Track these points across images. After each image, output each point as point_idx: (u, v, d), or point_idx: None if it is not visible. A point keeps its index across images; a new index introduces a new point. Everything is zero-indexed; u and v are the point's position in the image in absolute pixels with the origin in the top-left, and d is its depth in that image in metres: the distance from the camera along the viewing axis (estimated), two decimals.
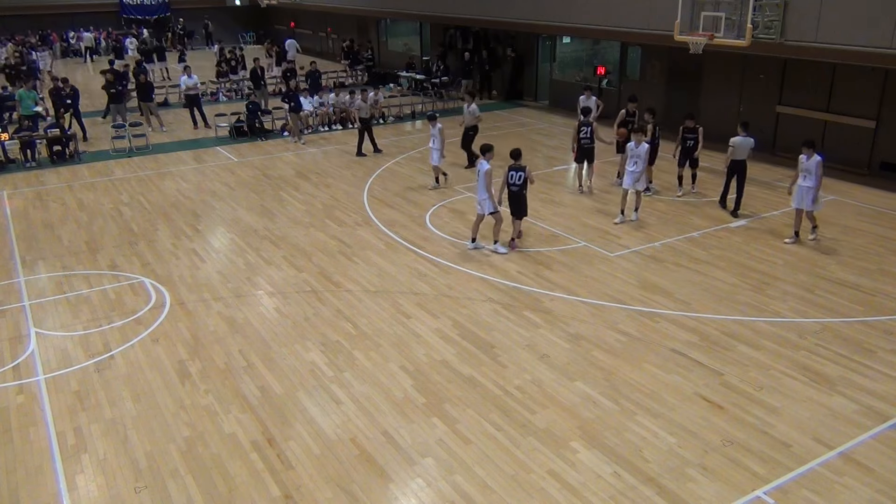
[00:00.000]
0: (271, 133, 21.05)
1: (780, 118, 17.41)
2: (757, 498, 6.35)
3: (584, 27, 20.26)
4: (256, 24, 44.91)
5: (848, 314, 9.66)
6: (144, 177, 17.01)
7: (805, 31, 14.43)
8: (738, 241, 12.21)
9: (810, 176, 11.58)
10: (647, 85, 20.84)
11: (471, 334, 9.29)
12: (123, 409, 7.88)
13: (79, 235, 13.19)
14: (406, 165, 17.43)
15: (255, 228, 13.37)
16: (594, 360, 8.63)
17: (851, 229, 12.72)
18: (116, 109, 21.14)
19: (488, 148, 11.74)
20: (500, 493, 6.45)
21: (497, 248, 11.90)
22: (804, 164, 11.62)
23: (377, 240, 12.63)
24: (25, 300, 10.62)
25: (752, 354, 8.69)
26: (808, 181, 11.61)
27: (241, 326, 9.67)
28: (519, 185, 11.80)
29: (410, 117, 23.30)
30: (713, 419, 7.46)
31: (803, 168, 11.65)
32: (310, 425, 7.50)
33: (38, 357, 9.02)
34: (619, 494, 6.42)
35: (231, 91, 27.63)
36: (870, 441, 7.09)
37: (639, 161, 12.73)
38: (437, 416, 7.59)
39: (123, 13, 43.57)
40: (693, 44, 15.41)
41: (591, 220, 13.40)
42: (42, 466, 7.00)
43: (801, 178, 11.72)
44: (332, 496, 6.48)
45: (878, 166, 15.79)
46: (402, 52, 32.29)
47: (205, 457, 7.05)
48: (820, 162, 11.56)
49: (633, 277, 10.87)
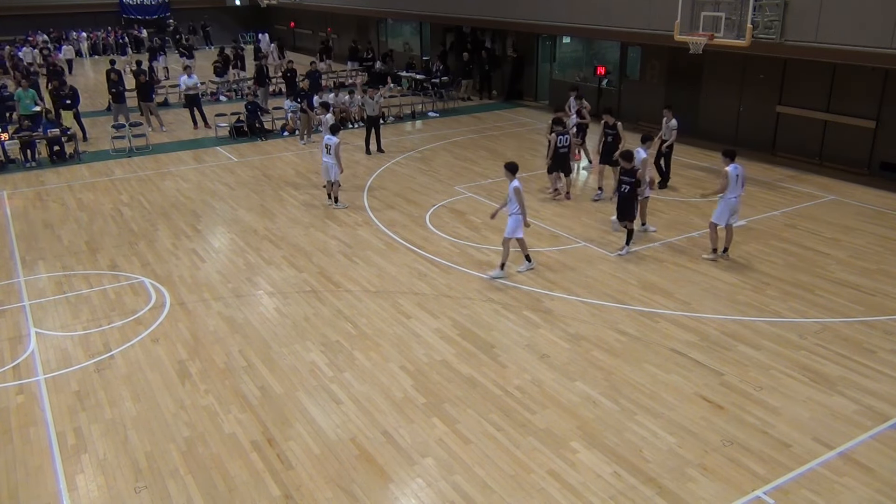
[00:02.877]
0: (271, 133, 21.05)
1: (781, 118, 17.41)
2: (757, 498, 6.36)
3: (584, 27, 20.27)
4: (256, 24, 44.88)
5: (848, 314, 9.66)
6: (144, 177, 17.01)
7: (805, 31, 14.44)
8: (737, 241, 12.21)
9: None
10: (646, 85, 20.84)
11: (471, 334, 9.29)
12: (123, 409, 7.88)
13: (79, 235, 13.19)
14: (406, 165, 17.43)
15: (255, 228, 13.37)
16: (594, 360, 8.63)
17: (851, 229, 12.72)
18: (118, 109, 21.14)
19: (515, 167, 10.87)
20: (500, 493, 6.45)
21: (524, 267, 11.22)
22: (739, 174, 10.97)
23: (377, 240, 12.63)
24: (25, 300, 10.62)
25: (752, 354, 8.69)
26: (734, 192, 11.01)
27: (241, 326, 9.67)
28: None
29: (410, 117, 23.31)
30: (713, 419, 7.46)
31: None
32: (310, 425, 7.50)
33: (38, 357, 9.02)
34: (619, 494, 6.42)
35: (231, 91, 27.65)
36: (870, 441, 7.09)
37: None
38: (437, 416, 7.59)
39: (123, 13, 43.58)
40: (693, 44, 15.42)
41: (591, 220, 13.40)
42: (42, 466, 7.00)
43: (731, 190, 10.97)
44: (332, 496, 6.48)
45: (878, 166, 15.79)
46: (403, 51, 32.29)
47: (205, 457, 7.05)
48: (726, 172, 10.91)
49: (633, 277, 10.87)
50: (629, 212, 11.61)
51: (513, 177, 10.64)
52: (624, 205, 11.62)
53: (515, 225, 10.69)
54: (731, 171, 10.92)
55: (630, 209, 11.59)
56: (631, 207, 11.57)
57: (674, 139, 14.72)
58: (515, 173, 10.71)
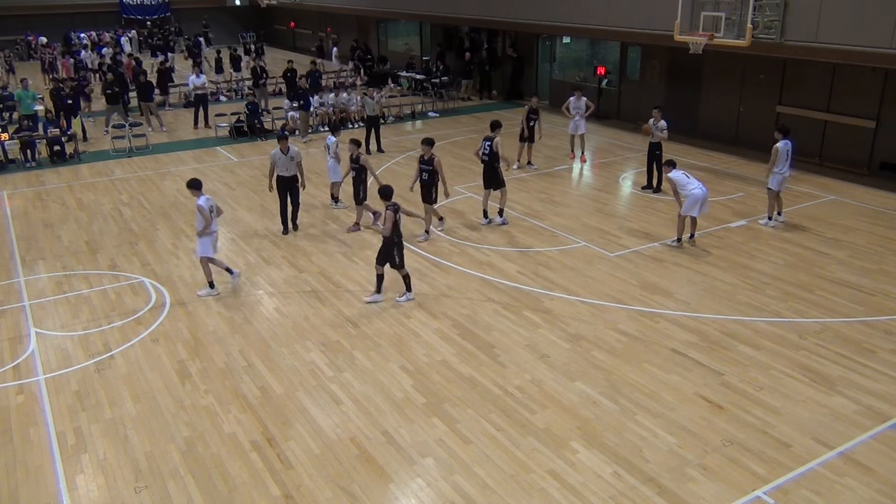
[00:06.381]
0: (271, 133, 21.04)
1: (781, 118, 17.39)
2: (757, 498, 6.36)
3: (584, 27, 20.25)
4: (256, 24, 44.88)
5: (848, 314, 9.66)
6: (144, 177, 17.01)
7: (805, 31, 14.43)
8: (738, 241, 12.21)
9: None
10: (646, 85, 20.85)
11: (471, 334, 9.29)
12: (123, 409, 7.88)
13: (79, 235, 13.19)
14: (406, 165, 17.41)
15: (255, 228, 13.36)
16: (594, 360, 8.63)
17: (851, 229, 12.72)
18: (112, 110, 21.07)
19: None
20: (500, 493, 6.45)
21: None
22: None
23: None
24: (25, 300, 10.62)
25: (752, 354, 8.69)
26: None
27: (241, 326, 9.67)
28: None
29: (410, 117, 23.31)
30: (713, 419, 7.46)
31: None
32: (310, 425, 7.50)
33: (38, 357, 9.02)
34: (619, 494, 6.42)
35: (231, 91, 27.64)
36: (870, 441, 7.09)
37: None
38: (437, 416, 7.59)
39: (123, 13, 43.56)
40: (693, 44, 15.40)
41: (591, 220, 13.40)
42: (42, 466, 7.00)
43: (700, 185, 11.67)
44: (332, 496, 6.48)
45: (877, 166, 15.79)
46: (403, 51, 32.28)
47: (205, 457, 7.05)
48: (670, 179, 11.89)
49: (633, 277, 10.87)
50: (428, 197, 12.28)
51: (199, 193, 10.22)
52: (425, 190, 12.26)
53: (204, 245, 10.34)
54: (677, 177, 11.70)
55: (428, 195, 12.22)
56: (429, 194, 12.21)
57: (664, 138, 14.51)
58: (199, 189, 10.27)
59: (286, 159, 12.52)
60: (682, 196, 11.69)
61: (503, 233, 12.81)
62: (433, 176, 12.15)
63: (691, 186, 11.59)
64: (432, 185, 12.21)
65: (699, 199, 11.57)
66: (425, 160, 12.15)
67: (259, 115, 20.94)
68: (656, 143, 14.43)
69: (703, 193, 11.59)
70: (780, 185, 12.59)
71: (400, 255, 10.03)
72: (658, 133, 14.34)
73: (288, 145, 12.51)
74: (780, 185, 12.61)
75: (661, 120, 14.35)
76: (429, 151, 12.13)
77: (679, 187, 11.67)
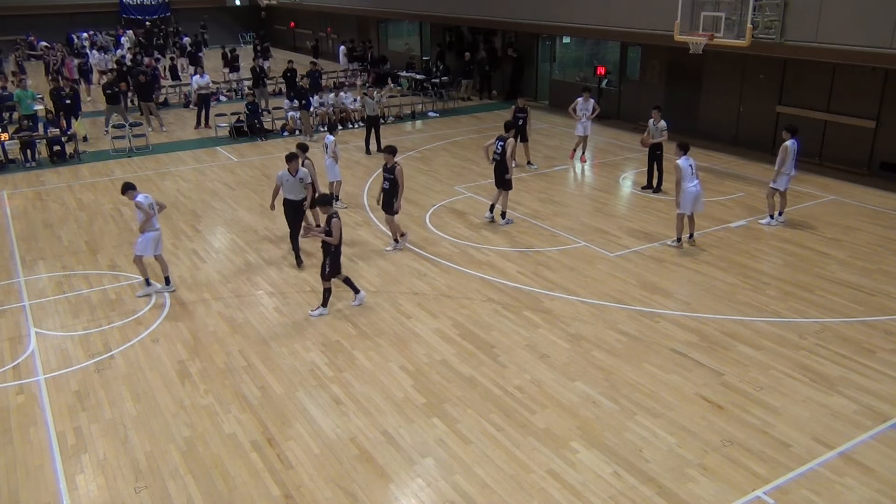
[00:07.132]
0: (271, 133, 21.05)
1: (781, 118, 17.40)
2: (757, 498, 6.36)
3: (584, 27, 20.26)
4: (256, 24, 44.86)
5: (848, 314, 9.66)
6: (144, 177, 17.01)
7: (805, 31, 14.43)
8: (738, 240, 12.21)
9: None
10: (646, 85, 20.84)
11: (471, 334, 9.29)
12: (123, 409, 7.88)
13: (79, 235, 13.19)
14: (406, 165, 17.35)
15: (255, 228, 13.37)
16: (594, 360, 8.63)
17: (851, 229, 12.72)
18: (112, 110, 21.06)
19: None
20: (500, 493, 6.45)
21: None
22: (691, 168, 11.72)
23: (377, 240, 12.63)
24: (25, 300, 10.62)
25: (752, 354, 8.69)
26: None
27: (240, 326, 9.67)
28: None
29: (410, 117, 23.31)
30: (713, 419, 7.46)
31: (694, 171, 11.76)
32: (310, 425, 7.50)
33: (38, 357, 9.02)
34: (619, 494, 6.43)
35: (231, 91, 27.63)
36: (870, 441, 7.08)
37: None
38: (437, 416, 7.59)
39: (123, 13, 43.55)
40: (693, 44, 15.41)
41: (591, 220, 13.40)
42: (42, 466, 7.00)
43: (694, 181, 11.67)
44: (332, 496, 6.48)
45: (878, 166, 15.79)
46: (403, 51, 32.29)
47: (205, 457, 7.05)
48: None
49: (633, 277, 10.87)
50: (388, 207, 11.90)
51: (135, 192, 10.20)
52: (386, 199, 11.90)
53: (143, 244, 10.39)
54: (682, 164, 11.59)
55: (388, 205, 11.86)
56: (389, 204, 11.84)
57: (665, 138, 14.53)
58: (134, 189, 10.25)
59: (294, 181, 11.23)
60: (682, 189, 11.67)
61: (503, 233, 12.81)
62: (394, 185, 11.69)
63: (690, 184, 11.62)
64: (394, 194, 11.71)
65: (693, 196, 11.64)
66: (387, 168, 11.78)
67: (259, 115, 20.94)
68: (657, 144, 14.46)
69: (697, 192, 11.67)
70: (786, 185, 12.74)
71: (338, 265, 9.86)
72: (658, 133, 14.37)
73: (298, 166, 11.24)
74: (786, 185, 12.77)
75: (661, 120, 14.36)
76: (391, 160, 11.73)
77: (682, 178, 11.59)
